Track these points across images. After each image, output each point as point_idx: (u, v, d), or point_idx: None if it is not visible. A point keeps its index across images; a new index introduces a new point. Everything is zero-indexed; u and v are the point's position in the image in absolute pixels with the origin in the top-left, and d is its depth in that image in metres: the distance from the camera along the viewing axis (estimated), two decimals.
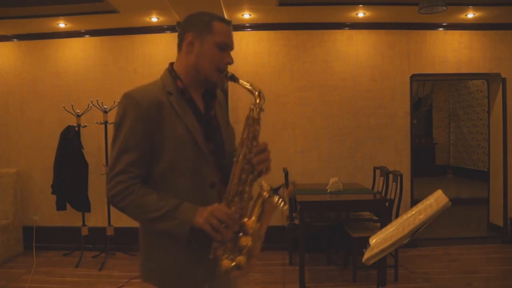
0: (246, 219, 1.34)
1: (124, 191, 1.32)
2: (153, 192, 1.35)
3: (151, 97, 1.36)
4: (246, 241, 1.32)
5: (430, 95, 10.16)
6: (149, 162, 1.37)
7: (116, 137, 1.37)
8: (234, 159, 1.36)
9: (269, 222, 1.36)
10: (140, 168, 1.35)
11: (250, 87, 1.36)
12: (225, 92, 4.56)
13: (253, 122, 1.35)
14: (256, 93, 1.36)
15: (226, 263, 1.33)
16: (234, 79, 1.40)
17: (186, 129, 1.37)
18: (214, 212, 1.29)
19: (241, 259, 1.32)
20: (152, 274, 1.44)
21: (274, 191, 1.31)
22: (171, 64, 1.48)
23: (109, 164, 1.38)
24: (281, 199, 1.30)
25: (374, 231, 3.04)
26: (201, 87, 1.47)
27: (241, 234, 1.33)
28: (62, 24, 4.68)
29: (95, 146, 4.84)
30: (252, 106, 1.36)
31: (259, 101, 1.36)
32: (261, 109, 1.36)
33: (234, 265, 1.32)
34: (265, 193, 1.31)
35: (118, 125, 1.37)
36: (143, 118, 1.33)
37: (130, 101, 1.35)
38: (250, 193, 1.35)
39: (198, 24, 1.41)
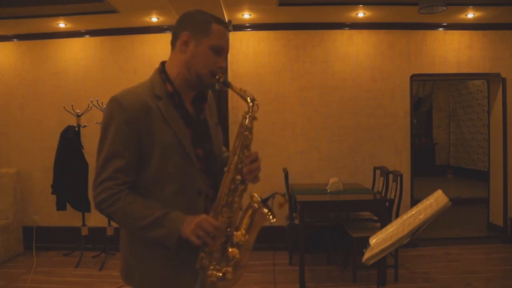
0: (234, 230, 1.33)
1: (111, 198, 1.29)
2: (140, 200, 1.32)
3: (138, 100, 1.33)
4: (233, 252, 1.32)
5: (430, 95, 10.16)
6: (137, 168, 1.34)
7: (102, 142, 1.34)
8: (225, 168, 1.34)
9: (258, 234, 1.35)
10: (127, 175, 1.32)
11: (242, 94, 1.34)
12: (225, 93, 4.56)
13: (245, 130, 1.33)
14: (249, 100, 1.34)
15: (213, 273, 1.32)
16: (226, 84, 1.38)
17: (174, 135, 1.34)
18: (201, 223, 1.27)
19: (228, 270, 1.32)
20: (133, 278, 1.42)
21: (264, 201, 1.31)
22: (163, 63, 1.44)
23: (95, 169, 1.34)
24: (270, 212, 1.30)
25: (374, 231, 3.04)
26: (192, 89, 1.43)
27: (228, 245, 1.32)
28: (62, 24, 4.68)
29: (95, 146, 4.78)
30: (245, 114, 1.34)
31: (252, 109, 1.34)
32: (253, 118, 1.34)
33: (221, 276, 1.31)
34: (255, 204, 1.30)
35: (104, 130, 1.34)
36: (130, 122, 1.30)
37: (116, 105, 1.32)
38: (239, 204, 1.35)
39: (195, 24, 1.38)
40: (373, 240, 1.78)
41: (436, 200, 1.64)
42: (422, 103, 10.12)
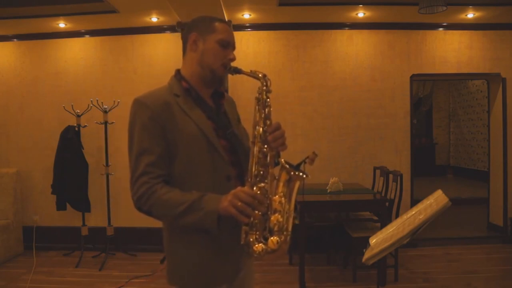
0: (272, 197, 1.33)
1: (148, 191, 1.34)
2: (176, 189, 1.36)
3: (159, 99, 1.40)
4: (276, 218, 1.31)
5: (430, 95, 10.16)
6: (167, 162, 1.40)
7: (131, 142, 1.41)
8: (251, 140, 1.38)
9: (296, 197, 1.36)
10: (160, 169, 1.37)
11: (253, 74, 1.42)
12: (225, 91, 4.56)
13: (263, 103, 1.39)
14: (260, 76, 1.40)
15: (258, 247, 1.31)
16: (238, 71, 1.46)
17: (196, 127, 1.40)
18: (237, 194, 1.28)
19: (274, 239, 1.30)
20: (176, 277, 1.45)
21: (296, 167, 1.33)
22: (178, 69, 1.53)
23: (130, 169, 1.39)
24: (301, 172, 1.32)
25: (374, 231, 3.04)
26: (208, 85, 1.50)
27: (270, 213, 1.32)
28: (62, 24, 4.68)
29: (95, 146, 4.84)
30: (259, 90, 1.40)
31: (266, 83, 1.40)
32: (268, 91, 1.40)
33: (266, 248, 1.30)
34: (286, 167, 1.32)
35: (131, 130, 1.41)
36: (154, 118, 1.37)
37: (139, 105, 1.40)
38: (272, 173, 1.36)
39: (200, 25, 1.48)
40: (373, 240, 1.78)
41: (436, 200, 1.64)
42: (422, 103, 10.12)
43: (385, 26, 4.85)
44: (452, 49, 4.89)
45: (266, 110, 1.38)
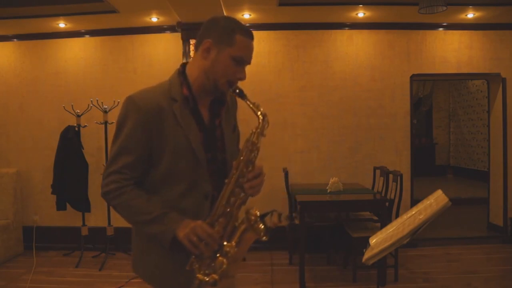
0: (226, 241, 1.34)
1: (116, 191, 1.35)
2: (144, 196, 1.37)
3: (153, 102, 1.36)
4: (222, 261, 1.33)
5: (430, 95, 10.16)
6: (147, 166, 1.39)
7: (116, 137, 1.40)
8: (226, 180, 1.36)
9: (248, 248, 1.36)
10: (134, 171, 1.38)
11: (254, 108, 1.36)
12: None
13: (251, 146, 1.35)
14: (260, 116, 1.35)
15: (200, 277, 1.34)
16: (242, 96, 1.40)
17: (186, 138, 1.37)
18: (195, 229, 1.30)
19: (214, 277, 1.33)
20: (140, 269, 1.51)
21: (261, 217, 1.32)
22: (183, 65, 1.47)
23: (107, 161, 1.41)
24: (264, 229, 1.31)
25: (374, 231, 3.04)
26: (209, 94, 1.45)
27: (218, 254, 1.34)
28: (62, 24, 4.68)
29: (95, 146, 4.84)
30: (253, 130, 1.35)
31: (262, 125, 1.35)
32: (262, 134, 1.36)
33: (207, 281, 1.33)
34: (251, 219, 1.31)
35: (119, 127, 1.39)
36: (143, 123, 1.35)
37: (131, 104, 1.36)
38: (236, 216, 1.36)
39: (219, 32, 1.38)
40: (373, 240, 1.77)
41: (436, 200, 1.64)
42: (422, 103, 10.12)
43: (385, 26, 4.85)
44: (452, 49, 4.89)
45: (253, 154, 1.35)
